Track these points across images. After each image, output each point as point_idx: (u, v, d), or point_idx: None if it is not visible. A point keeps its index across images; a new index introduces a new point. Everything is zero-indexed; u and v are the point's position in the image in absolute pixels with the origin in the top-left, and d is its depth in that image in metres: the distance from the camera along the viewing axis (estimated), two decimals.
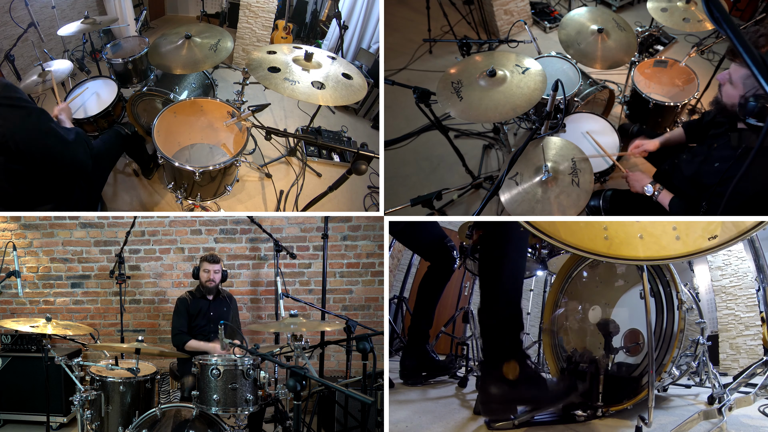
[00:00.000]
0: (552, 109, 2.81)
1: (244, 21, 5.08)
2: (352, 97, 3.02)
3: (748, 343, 4.83)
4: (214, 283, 3.58)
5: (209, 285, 3.56)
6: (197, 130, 3.40)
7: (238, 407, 2.73)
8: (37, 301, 4.41)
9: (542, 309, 4.22)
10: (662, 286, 2.73)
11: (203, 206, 3.44)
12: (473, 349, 4.02)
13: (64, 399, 3.69)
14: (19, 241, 4.34)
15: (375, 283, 4.42)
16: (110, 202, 3.63)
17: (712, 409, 2.49)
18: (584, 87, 3.55)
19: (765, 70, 1.12)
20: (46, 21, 4.27)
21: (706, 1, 1.14)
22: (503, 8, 4.88)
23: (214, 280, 3.56)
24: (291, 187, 3.96)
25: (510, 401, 2.43)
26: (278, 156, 4.17)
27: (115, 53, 3.79)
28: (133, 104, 3.54)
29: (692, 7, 3.46)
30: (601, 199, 3.01)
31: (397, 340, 4.68)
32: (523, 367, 2.45)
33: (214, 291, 3.60)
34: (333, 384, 2.30)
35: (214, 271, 3.55)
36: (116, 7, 4.62)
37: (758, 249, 3.44)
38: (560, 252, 3.65)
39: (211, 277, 3.55)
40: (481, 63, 2.97)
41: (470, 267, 3.92)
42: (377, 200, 4.04)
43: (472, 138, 4.08)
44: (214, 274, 3.55)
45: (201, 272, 3.57)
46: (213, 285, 3.57)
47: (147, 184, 3.78)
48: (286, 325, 2.68)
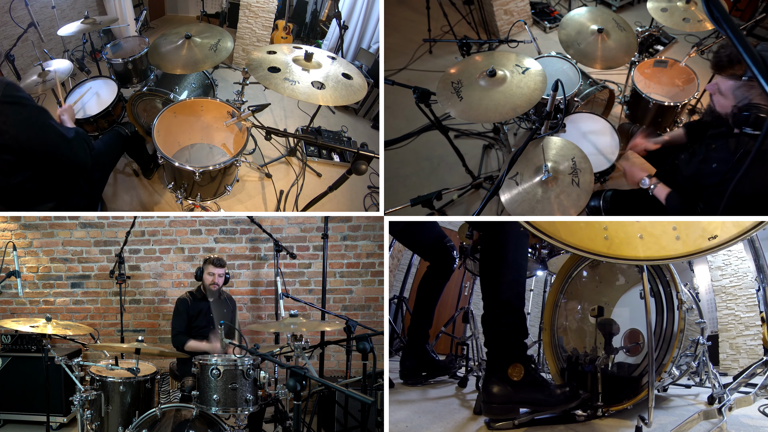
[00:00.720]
0: (552, 109, 2.81)
1: (244, 21, 5.09)
2: (352, 97, 3.02)
3: (748, 343, 4.83)
4: (218, 287, 3.56)
5: (212, 288, 3.55)
6: (197, 130, 3.40)
7: (238, 407, 2.73)
8: (37, 301, 4.41)
9: (542, 309, 4.22)
10: (662, 286, 2.73)
11: (203, 206, 3.44)
12: (473, 349, 4.02)
13: (64, 399, 3.70)
14: (19, 241, 4.34)
15: (375, 283, 4.42)
16: (110, 202, 3.63)
17: (712, 409, 2.49)
18: (584, 87, 3.55)
19: (765, 70, 1.12)
20: (46, 21, 4.27)
21: (706, 1, 1.14)
22: (503, 8, 4.88)
23: (217, 283, 3.55)
24: (291, 187, 3.96)
25: (512, 402, 2.43)
26: (278, 156, 4.17)
27: (115, 53, 3.79)
28: (133, 104, 3.54)
29: (692, 7, 3.46)
30: (602, 200, 3.01)
31: (397, 340, 4.68)
32: (527, 371, 2.44)
33: (216, 294, 3.60)
34: (333, 384, 2.30)
35: (218, 275, 3.53)
36: (116, 7, 4.62)
37: (758, 249, 3.44)
38: (560, 252, 3.64)
39: (216, 281, 3.53)
40: (481, 63, 2.97)
41: (470, 267, 3.91)
42: (377, 200, 4.04)
43: (472, 138, 4.08)
44: (218, 278, 3.54)
45: (205, 275, 3.55)
46: (216, 289, 3.56)
47: (147, 184, 3.78)
48: (286, 325, 2.68)
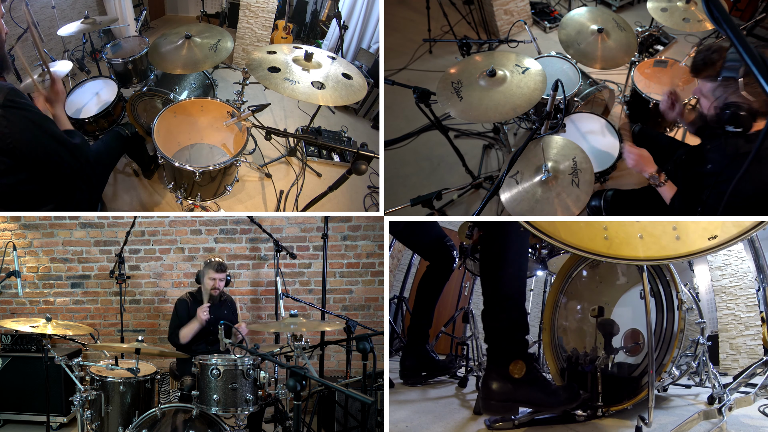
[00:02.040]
0: (552, 109, 2.81)
1: (244, 21, 5.09)
2: (352, 97, 3.02)
3: (748, 343, 4.83)
4: (219, 291, 3.55)
5: (213, 293, 3.53)
6: (197, 130, 3.40)
7: (238, 407, 2.73)
8: (37, 301, 4.41)
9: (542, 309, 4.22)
10: (662, 286, 2.73)
11: (203, 206, 3.44)
12: (473, 349, 4.02)
13: (64, 399, 3.69)
14: (19, 241, 4.34)
15: (375, 283, 4.42)
16: (110, 202, 3.63)
17: (712, 409, 2.49)
18: (584, 87, 3.55)
19: (765, 70, 1.12)
20: (46, 21, 4.27)
21: (706, 1, 1.14)
22: (503, 8, 4.88)
23: (219, 288, 3.53)
24: (291, 187, 3.96)
25: (511, 400, 2.42)
26: (278, 156, 4.17)
27: (115, 53, 3.79)
28: (133, 104, 3.54)
29: (692, 7, 3.46)
30: (602, 199, 3.01)
31: (397, 340, 4.68)
32: (529, 369, 2.43)
33: (217, 297, 3.59)
34: (333, 384, 2.30)
35: (219, 279, 3.52)
36: (116, 7, 4.62)
37: (758, 249, 3.44)
38: (560, 252, 3.64)
39: (217, 285, 3.52)
40: (481, 63, 2.96)
41: (470, 267, 3.91)
42: (377, 200, 4.04)
43: (472, 138, 4.08)
44: (219, 282, 3.52)
45: (206, 279, 3.52)
46: (217, 293, 3.55)
47: (147, 184, 3.78)
48: (286, 325, 2.68)
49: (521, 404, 2.43)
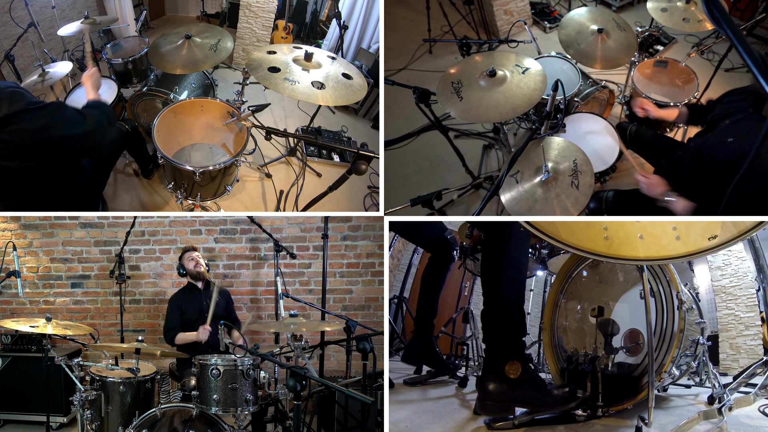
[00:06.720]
0: (552, 109, 2.81)
1: (244, 21, 5.09)
2: (352, 97, 3.02)
3: (748, 343, 4.83)
4: (203, 267, 3.64)
5: (198, 270, 3.62)
6: (197, 130, 3.41)
7: (238, 407, 2.73)
8: (37, 301, 4.41)
9: (542, 309, 4.22)
10: (662, 286, 2.73)
11: (203, 206, 3.45)
12: (473, 349, 4.02)
13: (64, 399, 3.69)
14: (19, 241, 4.34)
15: (375, 283, 4.42)
16: (110, 202, 3.63)
17: (712, 409, 2.49)
18: (584, 87, 3.55)
19: (765, 70, 1.12)
20: (46, 21, 4.27)
21: (706, 1, 1.15)
22: (503, 8, 4.88)
23: (202, 265, 3.64)
24: (291, 187, 3.97)
25: (507, 401, 2.43)
26: (278, 156, 4.17)
27: (115, 53, 3.79)
28: (133, 104, 3.54)
29: (692, 7, 3.46)
30: (603, 200, 3.01)
31: (397, 340, 4.68)
32: (525, 369, 2.44)
33: (203, 278, 3.65)
34: (333, 384, 2.30)
35: (197, 256, 3.64)
36: (116, 7, 4.62)
37: (758, 249, 3.44)
38: (560, 252, 3.65)
39: (198, 261, 3.63)
40: (481, 63, 2.97)
41: (470, 267, 3.92)
42: (377, 200, 4.04)
43: (472, 138, 4.08)
44: (200, 259, 3.64)
45: (187, 262, 3.64)
46: (202, 269, 3.64)
47: (147, 184, 3.78)
48: (286, 325, 2.68)
49: (517, 404, 2.44)
